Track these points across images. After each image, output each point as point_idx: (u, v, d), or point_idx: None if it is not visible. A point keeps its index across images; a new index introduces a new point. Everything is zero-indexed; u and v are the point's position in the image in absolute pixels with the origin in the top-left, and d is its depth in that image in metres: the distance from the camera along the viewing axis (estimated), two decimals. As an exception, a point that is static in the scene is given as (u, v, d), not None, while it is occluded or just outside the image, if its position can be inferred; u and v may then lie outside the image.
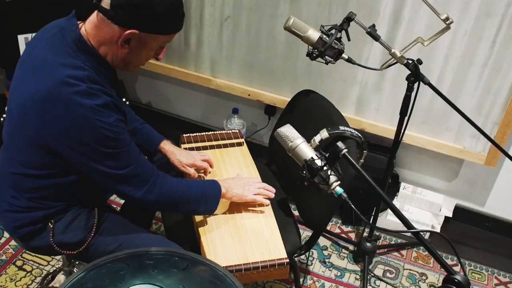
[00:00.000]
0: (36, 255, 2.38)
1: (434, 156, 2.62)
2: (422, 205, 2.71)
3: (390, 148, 2.14)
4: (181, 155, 1.94)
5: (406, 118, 1.98)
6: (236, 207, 1.82)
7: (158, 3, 1.40)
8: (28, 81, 1.47)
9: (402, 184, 2.76)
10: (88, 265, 1.32)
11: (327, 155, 1.34)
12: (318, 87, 2.53)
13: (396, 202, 2.73)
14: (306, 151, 1.36)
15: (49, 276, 2.18)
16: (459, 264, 2.57)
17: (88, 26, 1.47)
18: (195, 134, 2.16)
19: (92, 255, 1.66)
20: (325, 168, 1.31)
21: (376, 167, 2.50)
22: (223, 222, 1.77)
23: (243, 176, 1.91)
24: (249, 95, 2.81)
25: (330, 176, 1.32)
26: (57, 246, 1.64)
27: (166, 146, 1.96)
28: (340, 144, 1.33)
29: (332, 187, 1.33)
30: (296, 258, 2.49)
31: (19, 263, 2.38)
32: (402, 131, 2.02)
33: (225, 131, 2.20)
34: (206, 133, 2.18)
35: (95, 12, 1.44)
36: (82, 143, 1.44)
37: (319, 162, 1.32)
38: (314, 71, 2.56)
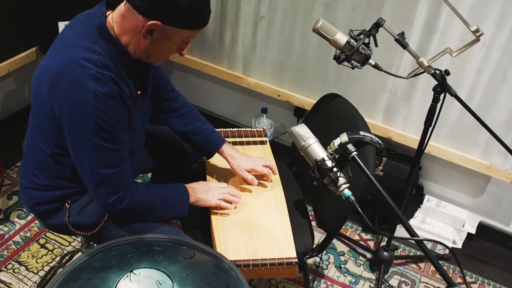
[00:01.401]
0: (59, 235, 2.46)
1: (461, 170, 2.58)
2: (445, 219, 2.67)
3: (412, 158, 2.12)
4: (241, 160, 1.92)
5: (430, 129, 1.96)
6: (252, 203, 1.84)
7: None
8: (48, 60, 1.52)
9: (427, 197, 2.73)
10: (99, 246, 1.37)
11: (337, 156, 1.34)
12: (347, 92, 2.54)
13: (418, 214, 2.70)
14: (318, 151, 1.37)
15: (68, 256, 2.25)
16: (477, 282, 2.52)
17: (116, 14, 1.50)
18: (220, 129, 2.19)
19: (104, 238, 1.70)
20: (334, 169, 1.31)
21: (400, 177, 2.48)
22: (237, 216, 1.79)
23: (207, 182, 1.89)
24: (278, 95, 2.82)
25: (339, 178, 1.32)
26: (72, 226, 1.70)
27: (227, 149, 1.93)
28: (350, 146, 1.33)
29: (341, 189, 1.33)
30: (311, 261, 2.50)
31: (42, 241, 2.46)
32: (426, 142, 2.00)
33: (250, 129, 2.22)
34: (231, 129, 2.21)
35: (124, 1, 1.48)
36: (76, 125, 1.46)
37: (329, 163, 1.33)
38: (344, 76, 2.56)
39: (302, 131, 1.40)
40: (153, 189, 1.69)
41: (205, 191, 1.79)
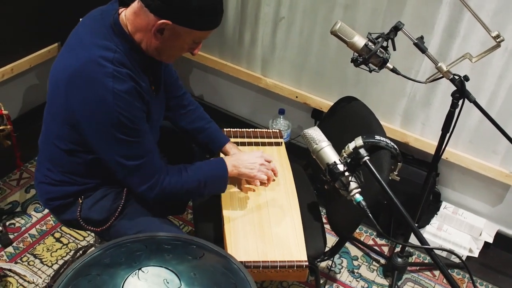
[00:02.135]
0: (74, 229, 2.48)
1: (479, 178, 2.54)
2: (462, 227, 2.63)
3: (429, 163, 2.09)
4: None
5: (448, 135, 1.93)
6: (265, 204, 1.83)
7: None
8: (64, 58, 1.53)
9: (444, 203, 2.69)
10: (110, 242, 1.37)
11: (349, 161, 1.33)
12: (365, 95, 2.52)
13: (435, 220, 2.66)
14: (330, 155, 1.35)
15: (81, 251, 2.27)
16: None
17: (129, 12, 1.51)
18: (235, 129, 2.18)
19: (112, 236, 1.71)
20: (346, 174, 1.30)
21: (417, 183, 2.45)
22: (249, 217, 1.79)
23: (253, 154, 1.89)
24: (296, 97, 2.81)
25: (351, 183, 1.31)
26: (83, 221, 1.71)
27: (230, 149, 1.95)
28: (362, 151, 1.32)
29: (352, 193, 1.32)
30: (324, 264, 2.48)
31: (57, 235, 2.48)
32: (443, 148, 1.97)
33: (266, 130, 2.21)
34: (247, 129, 2.20)
35: None
36: (97, 123, 1.48)
37: (341, 167, 1.32)
38: (363, 79, 2.54)
39: (315, 133, 1.39)
40: (185, 173, 1.68)
41: (249, 165, 1.81)
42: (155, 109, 1.66)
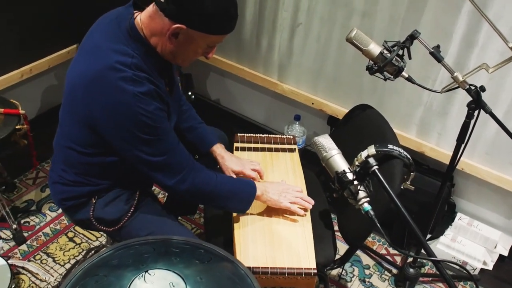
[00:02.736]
0: (87, 230, 2.50)
1: (496, 190, 2.50)
2: (477, 239, 2.60)
3: (443, 173, 2.07)
4: (230, 161, 1.94)
5: (463, 146, 1.91)
6: (275, 210, 1.83)
7: (208, 2, 1.41)
8: (81, 63, 1.55)
9: (459, 214, 2.66)
10: (119, 243, 1.38)
11: (358, 169, 1.32)
12: (382, 104, 2.51)
13: (449, 231, 2.63)
14: (339, 163, 1.35)
15: (93, 251, 2.29)
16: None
17: (144, 16, 1.52)
18: (249, 134, 2.18)
19: (123, 237, 1.72)
20: (355, 182, 1.29)
21: (432, 193, 2.43)
22: (259, 223, 1.78)
23: (285, 183, 1.90)
24: (312, 103, 2.81)
25: (359, 192, 1.30)
26: (95, 220, 1.73)
27: (218, 150, 1.97)
28: (371, 160, 1.31)
29: (360, 202, 1.31)
30: (334, 272, 2.47)
31: (70, 234, 2.51)
32: (457, 158, 1.95)
33: (279, 136, 2.21)
34: (260, 135, 2.20)
35: (153, 3, 1.50)
36: (120, 126, 1.50)
37: (350, 176, 1.31)
38: (379, 87, 2.52)
39: (325, 141, 1.38)
40: (218, 179, 1.70)
41: (278, 193, 1.79)
42: (173, 110, 1.68)
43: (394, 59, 1.75)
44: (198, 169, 1.66)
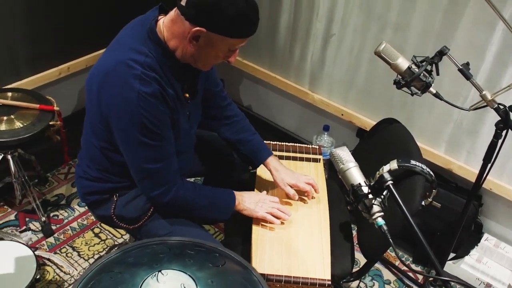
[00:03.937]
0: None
1: (525, 212, 2.45)
2: (503, 261, 2.54)
3: (469, 192, 2.04)
4: (285, 174, 1.92)
5: (489, 165, 1.88)
6: (295, 220, 1.84)
7: (228, 6, 1.43)
8: (101, 59, 1.60)
9: (485, 235, 2.61)
10: (137, 242, 1.42)
11: (373, 184, 1.32)
12: (411, 119, 2.48)
13: (475, 252, 2.58)
14: (356, 176, 1.35)
15: (116, 248, 2.34)
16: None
17: (167, 19, 1.56)
18: (275, 142, 2.20)
19: (143, 235, 1.76)
20: (370, 196, 1.29)
21: (458, 211, 2.38)
22: (278, 230, 1.79)
23: (259, 193, 1.89)
24: (342, 114, 2.80)
25: (373, 206, 1.30)
26: (116, 218, 1.77)
27: (272, 162, 1.94)
28: (386, 175, 1.30)
29: (374, 216, 1.30)
30: (354, 285, 2.45)
31: (96, 230, 2.57)
32: (483, 178, 1.92)
33: (305, 145, 2.21)
34: (286, 143, 2.21)
35: (176, 7, 1.53)
36: (121, 122, 1.54)
37: (365, 189, 1.31)
38: (409, 101, 2.50)
39: (343, 154, 1.39)
40: (199, 189, 1.74)
41: (254, 202, 1.80)
42: (184, 117, 1.69)
43: (422, 74, 1.74)
44: (181, 183, 1.68)
